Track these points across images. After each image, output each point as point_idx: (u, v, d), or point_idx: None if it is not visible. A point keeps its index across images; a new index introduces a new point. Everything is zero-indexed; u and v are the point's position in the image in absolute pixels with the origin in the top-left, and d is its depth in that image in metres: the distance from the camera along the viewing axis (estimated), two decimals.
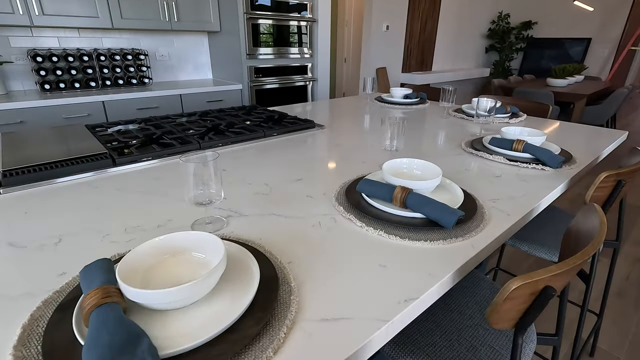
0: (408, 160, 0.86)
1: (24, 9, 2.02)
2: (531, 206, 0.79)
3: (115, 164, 0.98)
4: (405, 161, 0.86)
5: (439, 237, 0.64)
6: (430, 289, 0.52)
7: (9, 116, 1.93)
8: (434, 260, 0.59)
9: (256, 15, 2.62)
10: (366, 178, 0.78)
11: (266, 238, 0.65)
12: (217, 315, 0.44)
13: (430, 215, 0.66)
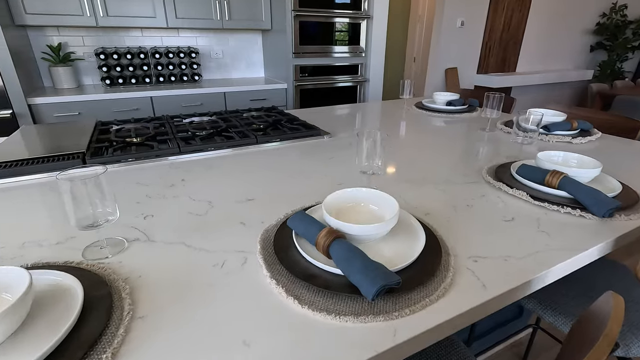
0: (353, 190, 0.67)
1: (90, 12, 2.22)
2: (529, 276, 0.55)
3: (84, 162, 0.97)
4: (350, 192, 0.67)
5: (353, 312, 0.46)
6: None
7: (71, 107, 2.14)
8: (329, 347, 0.42)
9: (304, 12, 2.53)
10: (301, 211, 0.62)
11: (149, 274, 0.54)
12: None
13: (353, 278, 0.48)
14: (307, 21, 2.57)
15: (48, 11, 2.14)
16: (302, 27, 2.57)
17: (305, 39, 2.62)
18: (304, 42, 2.63)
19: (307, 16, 2.56)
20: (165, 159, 1.05)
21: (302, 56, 2.67)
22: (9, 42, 1.95)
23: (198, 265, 0.57)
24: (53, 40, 2.40)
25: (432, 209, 0.75)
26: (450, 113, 1.68)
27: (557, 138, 1.26)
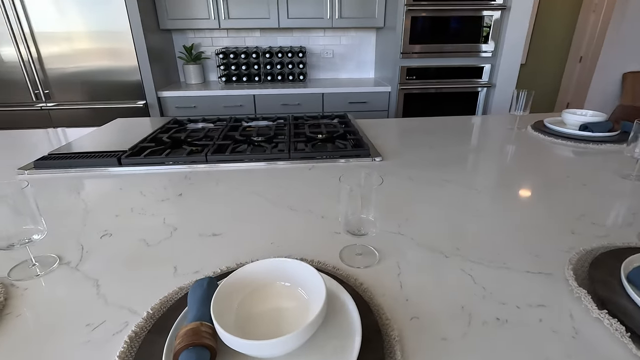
0: (277, 261, 0.45)
1: (215, 15, 2.45)
2: None
3: (120, 163, 1.01)
4: (273, 263, 0.45)
5: None
6: None
7: (188, 101, 2.43)
8: None
9: (418, 7, 2.22)
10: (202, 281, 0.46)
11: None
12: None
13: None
14: (421, 16, 2.25)
15: (185, 16, 2.45)
16: (414, 23, 2.27)
17: (417, 37, 2.31)
18: (415, 41, 2.32)
19: (422, 10, 2.24)
20: (187, 165, 1.02)
21: (411, 56, 2.37)
22: (153, 44, 2.32)
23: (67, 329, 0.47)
24: (189, 41, 2.77)
25: (428, 310, 0.47)
26: (583, 141, 1.17)
27: None
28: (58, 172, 0.99)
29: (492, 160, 1.03)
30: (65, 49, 2.17)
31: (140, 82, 2.30)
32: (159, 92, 2.37)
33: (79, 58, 2.21)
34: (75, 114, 2.33)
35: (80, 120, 2.35)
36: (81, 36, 2.16)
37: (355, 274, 0.55)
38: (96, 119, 2.35)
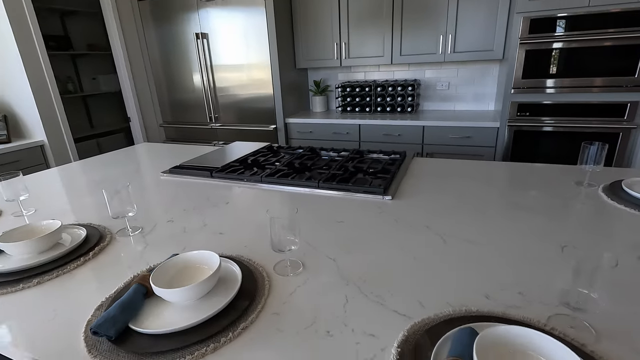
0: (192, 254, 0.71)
1: (338, 55, 2.87)
2: None
3: (211, 176, 1.46)
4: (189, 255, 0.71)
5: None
6: None
7: (306, 127, 2.91)
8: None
9: (535, 40, 2.05)
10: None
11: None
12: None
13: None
14: (538, 49, 2.06)
15: (316, 57, 2.97)
16: (529, 57, 2.09)
17: (533, 70, 2.11)
18: (532, 75, 2.13)
19: (538, 43, 2.05)
20: (245, 183, 1.38)
21: (525, 91, 2.18)
22: (289, 79, 2.91)
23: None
24: (318, 77, 3.28)
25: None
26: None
27: None
28: (180, 177, 1.52)
29: (515, 219, 1.00)
30: (230, 78, 2.98)
31: (273, 110, 2.92)
32: (287, 118, 2.94)
33: (236, 87, 2.98)
34: (231, 132, 3.14)
35: (234, 137, 3.15)
36: (241, 69, 2.92)
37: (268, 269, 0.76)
38: (243, 137, 3.10)
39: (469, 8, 2.41)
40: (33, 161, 2.60)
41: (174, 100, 3.27)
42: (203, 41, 2.92)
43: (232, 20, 2.76)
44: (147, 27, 3.09)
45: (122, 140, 4.09)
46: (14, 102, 2.65)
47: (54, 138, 2.67)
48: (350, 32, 2.78)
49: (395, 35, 2.65)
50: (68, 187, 1.46)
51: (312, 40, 2.92)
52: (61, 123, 2.71)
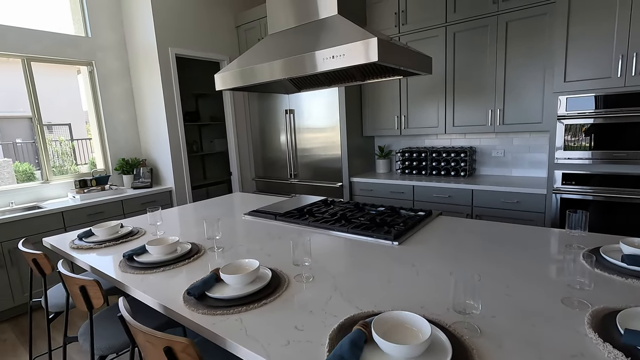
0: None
1: (398, 126, 3.33)
2: None
3: (275, 219, 1.99)
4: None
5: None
6: None
7: (368, 186, 3.34)
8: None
9: (578, 117, 2.22)
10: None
11: None
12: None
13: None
14: (577, 124, 2.21)
15: (380, 127, 3.48)
16: (569, 129, 2.25)
17: (575, 142, 2.25)
18: (573, 147, 2.26)
19: (578, 118, 2.21)
20: (297, 225, 1.86)
21: (568, 161, 2.29)
22: (355, 144, 3.45)
23: None
24: (382, 142, 3.76)
25: None
26: (633, 277, 1.11)
27: None
28: (254, 218, 2.09)
29: (497, 275, 1.27)
30: (309, 142, 3.64)
31: (340, 169, 3.46)
32: (351, 177, 3.43)
33: (313, 149, 3.62)
34: (306, 187, 3.75)
35: (308, 191, 3.74)
36: (317, 134, 3.57)
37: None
38: (315, 191, 3.67)
39: (515, 85, 2.68)
40: (164, 201, 3.54)
41: (265, 159, 4.07)
42: (290, 115, 3.71)
43: (314, 98, 3.49)
44: (252, 102, 4.05)
45: (224, 189, 5.07)
46: (157, 159, 3.71)
47: (179, 186, 3.62)
48: (410, 106, 3.24)
49: (449, 109, 3.02)
50: (183, 219, 2.14)
51: (376, 113, 3.47)
52: (184, 175, 3.67)
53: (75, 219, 2.94)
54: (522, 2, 2.56)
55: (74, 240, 1.80)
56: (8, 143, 9.66)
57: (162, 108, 3.50)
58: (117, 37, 3.61)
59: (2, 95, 9.89)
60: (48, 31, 3.18)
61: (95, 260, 1.52)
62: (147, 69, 3.54)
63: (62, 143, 8.77)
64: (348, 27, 1.48)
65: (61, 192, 3.32)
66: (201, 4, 3.66)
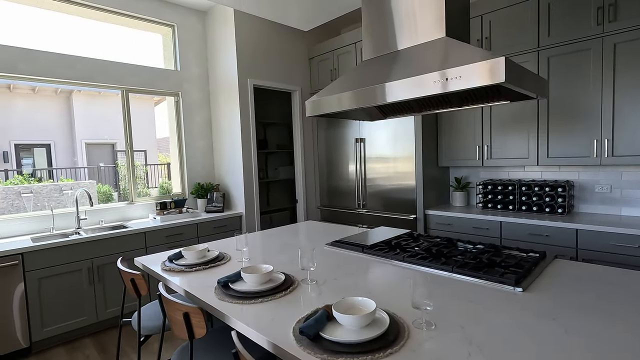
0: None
1: (480, 157, 3.10)
2: None
3: (363, 251, 1.86)
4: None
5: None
6: None
7: (445, 220, 3.11)
8: None
9: None
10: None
11: None
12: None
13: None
14: None
15: (457, 157, 3.28)
16: None
17: None
18: None
19: None
20: (390, 260, 1.70)
21: None
22: (430, 175, 3.27)
23: None
24: (459, 174, 3.52)
25: None
26: None
27: None
28: (339, 249, 1.97)
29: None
30: (379, 171, 3.52)
31: (414, 201, 3.27)
32: (426, 210, 3.22)
33: (383, 179, 3.49)
34: (375, 218, 3.60)
35: (377, 222, 3.58)
36: (388, 160, 3.44)
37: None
38: (385, 223, 3.50)
39: (627, 113, 2.37)
40: (234, 225, 3.59)
41: (331, 187, 4.01)
42: (361, 144, 3.64)
43: (385, 126, 3.40)
44: (320, 130, 4.07)
45: (286, 216, 5.07)
46: (230, 185, 3.82)
47: (249, 211, 3.67)
48: (493, 135, 3.02)
49: (542, 138, 2.75)
50: (265, 246, 2.09)
51: (454, 143, 3.28)
52: (255, 201, 3.71)
53: (155, 240, 3.05)
54: (633, 22, 2.31)
55: (164, 261, 1.81)
56: (93, 167, 10.79)
57: (238, 136, 3.63)
58: (201, 70, 3.88)
59: (89, 124, 11.19)
60: (145, 65, 3.50)
61: (190, 285, 1.49)
62: (226, 99, 3.73)
63: (137, 168, 9.56)
64: (463, 49, 1.38)
65: (142, 213, 3.51)
66: (277, 38, 3.84)
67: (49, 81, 2.99)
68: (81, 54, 3.11)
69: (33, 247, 2.46)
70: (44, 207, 7.22)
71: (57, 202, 7.45)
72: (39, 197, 7.40)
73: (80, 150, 11.08)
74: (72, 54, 3.06)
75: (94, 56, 3.17)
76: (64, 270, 2.60)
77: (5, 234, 2.81)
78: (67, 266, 2.61)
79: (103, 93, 11.13)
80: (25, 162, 10.61)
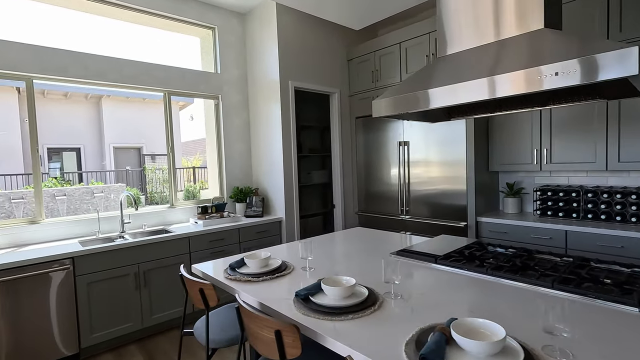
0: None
1: (537, 161, 2.92)
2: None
3: (435, 262, 1.73)
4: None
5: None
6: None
7: (499, 228, 2.93)
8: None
9: None
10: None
11: None
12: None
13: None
14: None
15: (511, 162, 3.10)
16: None
17: None
18: None
19: None
20: (469, 272, 1.56)
21: None
22: (480, 180, 3.10)
23: None
24: (511, 179, 3.33)
25: None
26: None
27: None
28: (406, 259, 1.85)
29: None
30: (424, 175, 3.37)
31: (465, 207, 3.10)
32: (478, 217, 3.05)
33: (429, 183, 3.34)
34: (420, 225, 3.45)
35: (422, 229, 3.43)
36: (434, 164, 3.29)
37: None
38: (432, 230, 3.34)
39: None
40: (274, 231, 3.51)
41: (369, 192, 3.88)
42: (405, 147, 3.51)
43: (431, 130, 3.26)
44: (359, 134, 3.95)
45: (319, 222, 4.96)
46: (268, 189, 3.74)
47: (289, 216, 3.57)
48: (553, 138, 2.84)
49: (611, 141, 2.56)
50: (327, 254, 1.98)
51: (506, 147, 3.10)
52: (295, 206, 3.62)
53: (198, 245, 2.99)
54: None
55: (226, 269, 1.72)
56: (121, 170, 10.98)
57: (278, 139, 3.56)
58: (240, 72, 3.84)
59: (117, 128, 11.43)
60: (188, 68, 3.48)
61: (263, 296, 1.39)
62: (265, 102, 3.67)
63: (163, 171, 9.66)
64: (570, 40, 1.24)
65: (182, 217, 3.46)
66: (316, 39, 3.76)
67: (96, 84, 2.99)
68: (127, 57, 3.10)
69: (83, 252, 2.43)
70: (76, 210, 7.35)
71: (88, 205, 7.57)
72: (72, 199, 7.54)
73: (108, 153, 11.32)
74: (119, 56, 3.06)
75: (139, 59, 3.16)
76: (112, 275, 2.56)
77: (52, 237, 2.80)
78: (115, 271, 2.57)
79: (130, 98, 11.37)
80: (53, 165, 10.89)
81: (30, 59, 2.66)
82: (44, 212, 2.92)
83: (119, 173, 11.13)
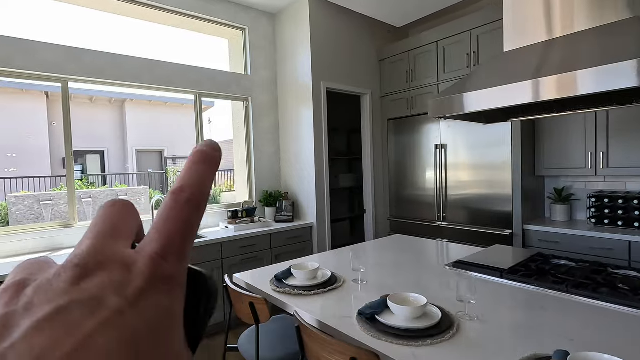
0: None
1: (592, 165, 2.71)
2: None
3: (501, 277, 1.57)
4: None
5: None
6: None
7: (551, 237, 2.73)
8: None
9: None
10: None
11: None
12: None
13: None
14: None
15: (560, 166, 2.90)
16: None
17: None
18: None
19: None
20: (544, 290, 1.40)
21: None
22: (525, 185, 2.91)
23: None
24: (560, 184, 3.12)
25: None
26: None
27: None
28: (464, 271, 1.69)
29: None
30: (462, 180, 3.19)
31: (510, 213, 2.91)
32: (525, 224, 2.86)
33: (468, 188, 3.16)
34: (458, 232, 3.26)
35: (461, 237, 3.25)
36: (475, 168, 3.11)
37: None
38: (471, 238, 3.16)
39: None
40: (305, 237, 3.39)
41: (402, 197, 3.72)
42: (442, 150, 3.34)
43: (472, 132, 3.08)
44: (390, 136, 3.81)
45: (347, 227, 4.82)
46: (298, 193, 3.63)
47: (320, 221, 3.45)
48: (611, 141, 2.62)
49: None
50: (374, 265, 1.84)
51: (556, 150, 2.90)
52: (326, 211, 3.49)
53: (230, 250, 2.90)
54: None
55: (272, 280, 1.61)
56: (143, 173, 11.12)
57: (309, 142, 3.45)
58: (269, 73, 3.75)
59: (139, 131, 11.59)
60: (219, 70, 3.41)
61: (319, 313, 1.27)
62: (295, 103, 3.57)
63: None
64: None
65: (210, 221, 3.39)
66: (348, 39, 3.63)
67: (132, 86, 2.95)
68: (159, 59, 3.06)
69: None
70: None
71: None
72: (97, 202, 7.63)
73: (131, 156, 11.48)
74: (152, 58, 3.02)
75: (171, 60, 3.11)
76: None
77: None
78: None
79: (153, 102, 11.53)
80: (76, 168, 11.12)
81: (67, 61, 2.63)
82: (77, 215, 2.89)
83: (141, 176, 11.27)
